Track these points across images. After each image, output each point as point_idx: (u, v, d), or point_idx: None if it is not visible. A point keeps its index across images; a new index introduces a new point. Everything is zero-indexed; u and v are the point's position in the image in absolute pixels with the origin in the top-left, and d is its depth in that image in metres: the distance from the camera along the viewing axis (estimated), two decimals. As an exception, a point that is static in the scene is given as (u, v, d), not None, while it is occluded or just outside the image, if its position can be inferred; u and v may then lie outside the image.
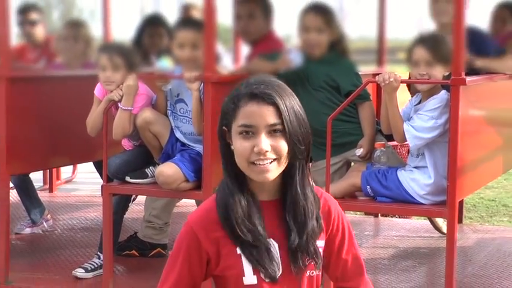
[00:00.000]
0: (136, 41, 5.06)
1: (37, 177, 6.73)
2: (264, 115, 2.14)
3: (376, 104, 4.91)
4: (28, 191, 5.82)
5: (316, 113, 4.31)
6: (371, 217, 6.49)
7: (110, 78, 4.47)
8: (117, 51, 4.52)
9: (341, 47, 4.50)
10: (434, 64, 4.05)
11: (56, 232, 5.91)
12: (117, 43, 5.25)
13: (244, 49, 4.87)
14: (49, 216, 5.99)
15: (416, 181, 4.11)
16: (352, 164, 4.55)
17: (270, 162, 2.15)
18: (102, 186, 4.58)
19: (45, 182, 7.37)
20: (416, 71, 4.10)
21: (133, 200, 6.03)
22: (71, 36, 5.13)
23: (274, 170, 2.16)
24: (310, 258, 2.21)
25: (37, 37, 5.59)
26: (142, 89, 4.55)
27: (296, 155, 2.18)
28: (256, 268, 2.18)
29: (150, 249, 5.23)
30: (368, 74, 5.18)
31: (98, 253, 4.87)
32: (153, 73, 4.77)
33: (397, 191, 4.13)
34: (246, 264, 2.18)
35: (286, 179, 2.21)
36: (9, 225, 4.82)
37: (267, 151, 2.14)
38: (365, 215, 6.57)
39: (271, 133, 2.15)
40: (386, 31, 5.83)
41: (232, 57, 4.96)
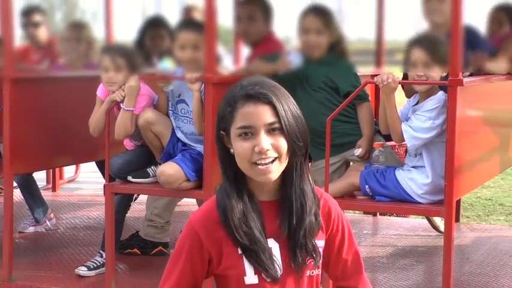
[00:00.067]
0: (138, 42, 5.02)
1: (40, 176, 6.75)
2: (262, 115, 2.15)
3: (374, 105, 4.90)
4: (31, 190, 5.85)
5: (315, 113, 4.34)
6: (370, 216, 6.50)
7: (112, 79, 4.47)
8: (120, 53, 4.52)
9: (340, 49, 4.51)
10: (432, 65, 4.05)
11: (59, 231, 5.93)
12: (119, 44, 5.23)
13: (245, 50, 4.86)
14: (52, 215, 6.01)
15: (414, 180, 4.12)
16: (351, 164, 4.56)
17: (271, 161, 2.16)
18: (104, 185, 4.59)
19: (48, 182, 7.38)
20: (414, 72, 4.10)
21: (135, 199, 6.04)
22: (73, 37, 5.11)
23: (276, 170, 2.17)
24: (309, 256, 2.22)
25: (40, 39, 5.58)
26: (144, 89, 4.56)
27: (295, 152, 2.19)
28: (257, 269, 2.19)
29: (151, 247, 5.25)
30: (366, 75, 5.17)
31: (101, 251, 4.88)
32: (155, 74, 4.76)
33: (395, 191, 4.14)
34: (248, 264, 2.19)
35: (285, 176, 2.22)
36: (13, 224, 4.84)
37: (268, 150, 2.14)
38: (364, 214, 6.58)
39: (270, 132, 2.16)
40: (385, 33, 5.84)
41: (232, 58, 4.95)
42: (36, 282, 4.76)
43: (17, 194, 5.72)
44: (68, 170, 7.83)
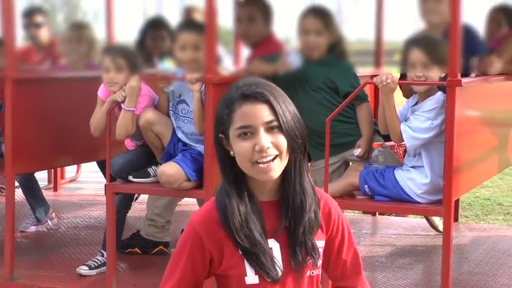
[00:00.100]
0: (139, 43, 5.02)
1: (42, 176, 6.75)
2: (260, 113, 2.16)
3: (373, 105, 4.90)
4: (33, 190, 5.85)
5: (315, 113, 4.34)
6: (369, 216, 6.51)
7: (113, 79, 4.49)
8: (120, 53, 4.53)
9: (339, 49, 4.51)
10: (431, 66, 4.06)
11: (60, 230, 5.94)
12: (120, 45, 5.24)
13: (245, 51, 4.87)
14: (53, 214, 6.02)
15: (413, 180, 4.12)
16: (350, 164, 4.57)
17: (272, 159, 2.16)
18: (105, 185, 4.59)
19: (49, 181, 7.38)
20: (413, 72, 4.11)
21: (136, 199, 6.05)
22: (75, 38, 5.12)
23: (277, 168, 2.17)
24: (309, 255, 2.22)
25: (42, 39, 5.58)
26: (145, 90, 4.57)
27: (295, 150, 2.20)
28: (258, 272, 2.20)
29: (152, 247, 5.26)
30: (366, 75, 5.17)
31: (102, 251, 4.90)
32: (156, 74, 4.77)
33: (394, 190, 4.15)
34: (248, 264, 2.20)
35: (285, 174, 2.22)
36: (15, 223, 4.85)
37: (268, 147, 2.14)
38: (363, 214, 6.58)
39: (269, 130, 2.16)
40: (384, 34, 5.85)
41: (232, 59, 4.95)
42: (37, 281, 4.77)
43: (18, 194, 5.72)
44: (69, 170, 7.83)
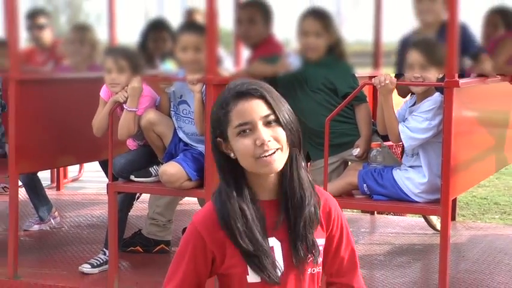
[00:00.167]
0: (141, 44, 5.01)
1: (45, 176, 6.76)
2: (256, 108, 2.19)
3: (372, 106, 4.93)
4: (36, 189, 5.87)
5: (314, 114, 4.38)
6: (367, 215, 6.52)
7: (115, 80, 4.50)
8: (122, 54, 4.55)
9: (338, 51, 4.54)
10: (428, 67, 4.09)
11: (63, 229, 5.95)
12: (122, 46, 5.25)
13: (245, 52, 4.89)
14: (56, 213, 6.04)
15: (411, 180, 4.15)
16: (349, 164, 4.59)
17: (273, 152, 2.17)
18: (107, 184, 4.61)
19: (52, 181, 7.40)
20: (410, 73, 4.13)
21: (138, 198, 6.05)
22: (77, 39, 5.13)
23: (279, 159, 2.19)
24: (309, 252, 2.24)
25: (45, 41, 5.59)
26: (147, 90, 4.59)
27: (293, 143, 2.22)
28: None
29: (154, 245, 5.27)
30: (364, 76, 5.18)
31: (104, 249, 4.92)
32: (157, 75, 4.77)
33: (392, 190, 4.18)
34: (250, 267, 2.21)
35: (283, 170, 2.23)
36: (18, 222, 4.87)
37: (269, 140, 2.17)
38: (361, 213, 6.60)
39: (267, 125, 2.19)
40: (382, 35, 5.88)
41: (233, 60, 4.97)
42: (40, 279, 4.79)
43: (22, 193, 5.72)
44: (72, 170, 7.84)
